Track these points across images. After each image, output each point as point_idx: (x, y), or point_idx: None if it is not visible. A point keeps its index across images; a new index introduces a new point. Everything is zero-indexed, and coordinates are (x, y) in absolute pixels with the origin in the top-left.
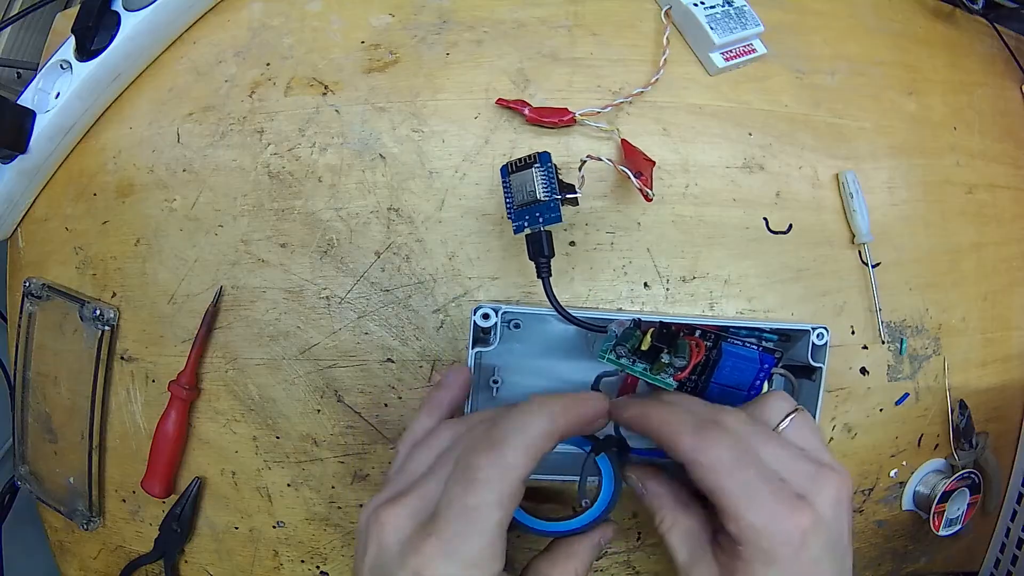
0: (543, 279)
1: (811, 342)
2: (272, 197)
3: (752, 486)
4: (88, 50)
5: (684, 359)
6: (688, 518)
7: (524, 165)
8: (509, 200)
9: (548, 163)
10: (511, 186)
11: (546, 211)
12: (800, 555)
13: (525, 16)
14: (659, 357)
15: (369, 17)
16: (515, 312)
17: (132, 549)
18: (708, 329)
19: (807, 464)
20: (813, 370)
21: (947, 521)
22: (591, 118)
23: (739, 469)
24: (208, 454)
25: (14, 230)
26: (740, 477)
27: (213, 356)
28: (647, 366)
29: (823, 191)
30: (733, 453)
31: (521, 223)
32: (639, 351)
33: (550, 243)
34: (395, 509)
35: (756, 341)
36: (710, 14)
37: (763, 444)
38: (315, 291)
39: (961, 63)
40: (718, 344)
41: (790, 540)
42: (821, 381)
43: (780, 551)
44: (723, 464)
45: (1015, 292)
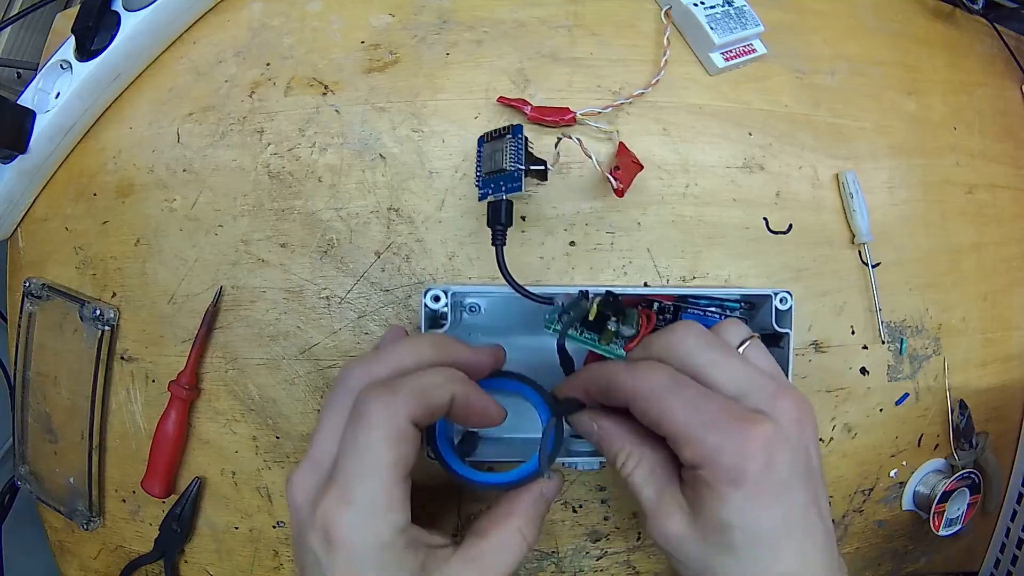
0: (496, 247)
1: (774, 307)
2: (272, 197)
3: (699, 404)
4: (88, 50)
5: (633, 328)
6: (652, 453)
7: (498, 136)
8: (479, 168)
9: (520, 135)
10: (483, 155)
11: (509, 181)
12: (769, 474)
13: (525, 16)
14: (606, 326)
15: (369, 17)
16: (466, 292)
17: (132, 549)
18: (664, 300)
19: (766, 382)
20: (781, 337)
21: (947, 521)
22: (592, 118)
23: (681, 389)
24: (208, 454)
25: (14, 230)
26: (684, 397)
27: (213, 356)
28: (595, 336)
29: (823, 191)
30: (672, 376)
31: (486, 191)
32: (587, 321)
33: (509, 212)
34: (299, 470)
35: (719, 311)
36: (710, 14)
37: (718, 358)
38: (315, 291)
39: (961, 63)
40: (678, 315)
41: (753, 454)
42: (789, 347)
43: (745, 467)
44: (663, 387)
45: (1015, 292)
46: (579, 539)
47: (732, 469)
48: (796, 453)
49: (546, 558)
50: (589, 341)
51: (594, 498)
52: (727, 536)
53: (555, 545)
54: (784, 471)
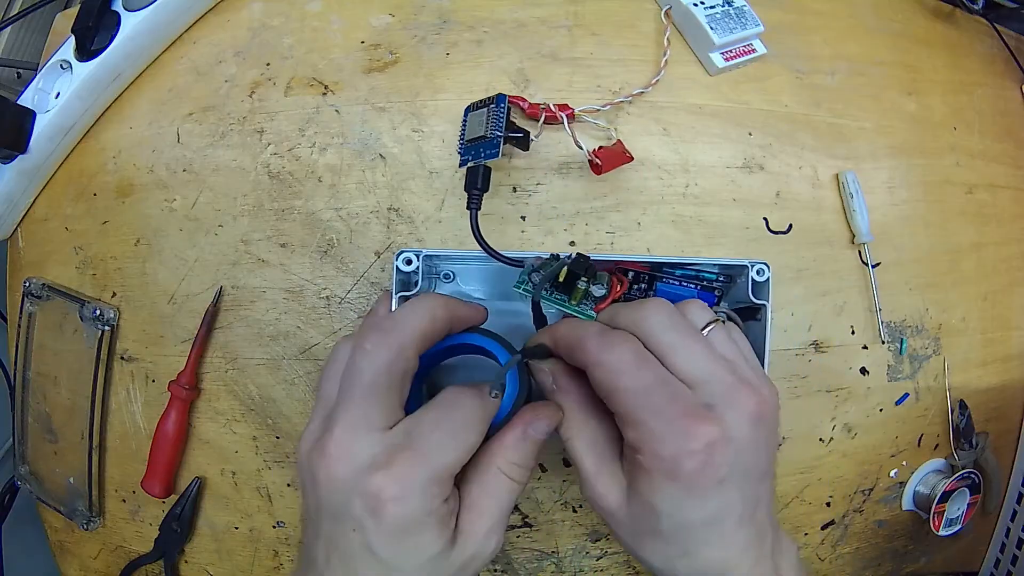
0: (471, 211)
1: (751, 279)
2: (272, 197)
3: (652, 390)
4: (88, 50)
5: (604, 288)
6: (597, 424)
7: (483, 104)
8: (462, 136)
9: (502, 104)
10: (467, 124)
11: (488, 147)
12: (705, 473)
13: (525, 16)
14: (576, 286)
15: (369, 17)
16: (438, 255)
17: (132, 549)
18: (639, 268)
19: (725, 374)
20: (758, 310)
21: (947, 521)
22: (590, 115)
23: (640, 370)
24: (208, 454)
25: (14, 230)
26: (640, 379)
27: (213, 356)
28: (565, 297)
29: (823, 191)
30: (636, 354)
31: (467, 157)
32: (557, 282)
33: (486, 178)
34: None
35: (695, 282)
36: (710, 14)
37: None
38: (315, 291)
39: (961, 63)
40: (652, 285)
41: (692, 452)
42: (767, 320)
43: (682, 464)
44: (624, 364)
45: (1015, 292)
46: (579, 539)
47: (669, 461)
48: (741, 452)
49: (546, 558)
50: (559, 302)
51: None
52: (656, 521)
53: (555, 545)
54: (722, 471)
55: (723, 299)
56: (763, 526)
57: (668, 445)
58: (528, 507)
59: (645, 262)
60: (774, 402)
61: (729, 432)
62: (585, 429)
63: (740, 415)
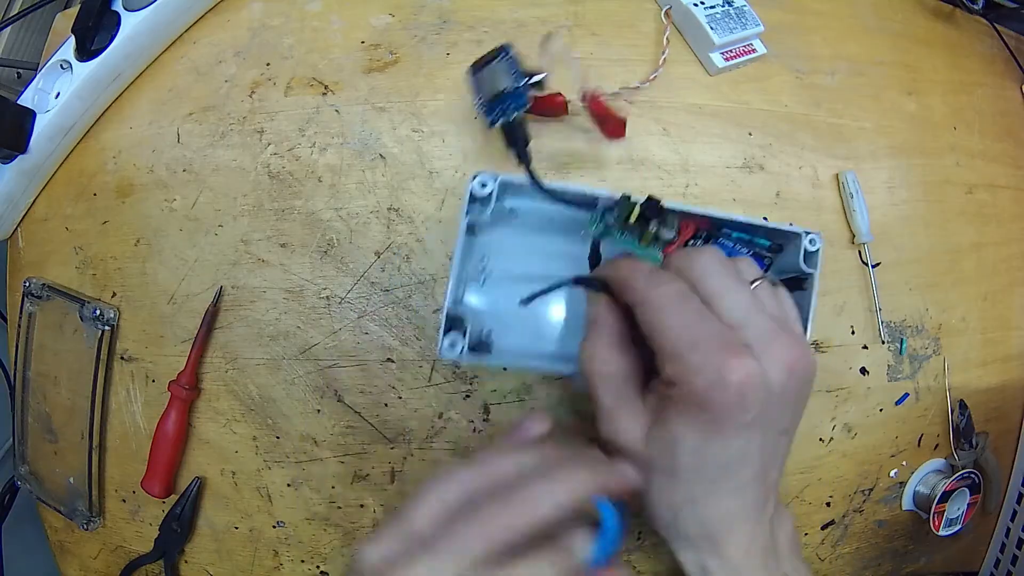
0: (526, 166)
1: (803, 247)
2: (272, 197)
3: (693, 325)
4: (88, 50)
5: (673, 231)
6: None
7: (488, 60)
8: (479, 97)
9: (510, 53)
10: (479, 83)
11: (514, 99)
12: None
13: (525, 16)
14: (647, 228)
15: (369, 17)
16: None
17: (132, 549)
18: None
19: (767, 321)
20: (804, 280)
21: (947, 521)
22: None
23: (683, 305)
24: (208, 454)
25: (14, 230)
26: (682, 315)
27: (213, 356)
28: (636, 238)
29: (823, 191)
30: (680, 292)
31: (495, 116)
32: (627, 223)
33: (525, 129)
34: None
35: (748, 247)
36: (710, 14)
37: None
38: (315, 291)
39: (961, 63)
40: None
41: (725, 389)
42: (813, 289)
43: (714, 398)
44: (669, 300)
45: (1015, 292)
46: None
47: (703, 393)
48: (771, 397)
49: None
50: (629, 242)
51: None
52: (674, 456)
53: None
54: (751, 412)
55: (771, 268)
56: (770, 488)
57: (704, 376)
58: None
59: (705, 216)
60: (810, 360)
61: (764, 373)
62: (609, 363)
63: (776, 361)
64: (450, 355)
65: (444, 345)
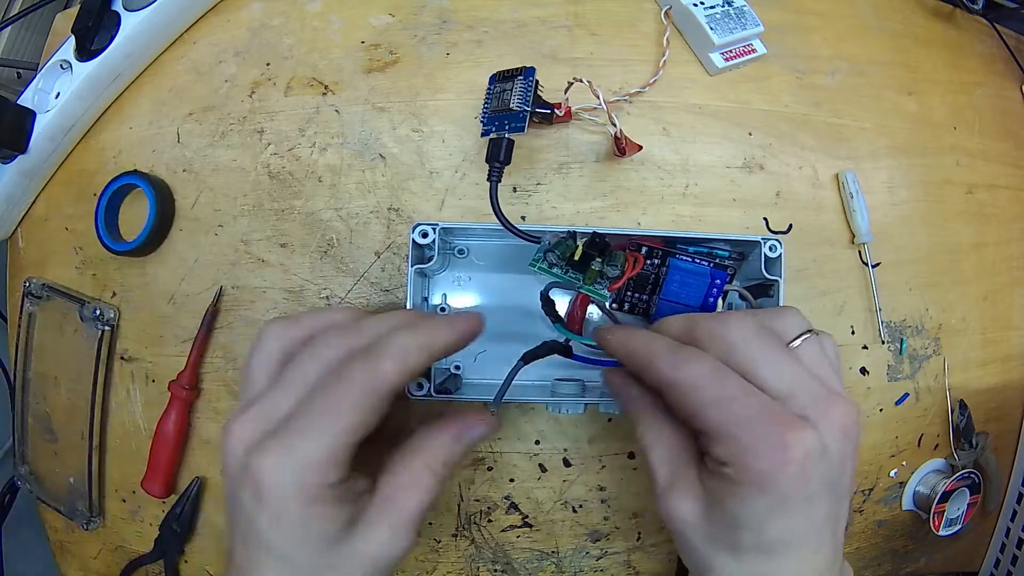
0: (492, 183)
1: (763, 255)
2: (272, 197)
3: (739, 401)
4: (88, 50)
5: (618, 268)
6: (674, 432)
7: (510, 75)
8: (486, 105)
9: (531, 78)
10: (492, 92)
11: (514, 120)
12: (799, 486)
13: (525, 16)
14: (591, 265)
15: (369, 17)
16: (454, 228)
17: (132, 549)
18: (653, 244)
19: (815, 385)
20: (770, 286)
21: (947, 521)
22: (588, 112)
23: (721, 382)
24: (208, 454)
25: (14, 230)
26: (724, 391)
27: (213, 356)
28: (580, 275)
29: (823, 191)
30: (714, 369)
31: (489, 128)
32: (572, 260)
33: (509, 151)
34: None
35: (708, 258)
36: (710, 14)
37: (767, 355)
38: (315, 291)
39: (961, 63)
40: (665, 260)
41: (789, 462)
42: (779, 295)
43: (777, 475)
44: (703, 379)
45: (1015, 292)
46: (579, 539)
47: (763, 474)
48: (831, 466)
49: (546, 558)
50: (574, 280)
51: (594, 498)
52: (736, 536)
53: (555, 545)
54: (814, 485)
55: (736, 277)
56: (838, 549)
57: (763, 457)
58: (528, 507)
59: (659, 237)
60: (859, 416)
61: (823, 442)
62: (662, 437)
63: (833, 427)
64: (418, 394)
65: (411, 387)
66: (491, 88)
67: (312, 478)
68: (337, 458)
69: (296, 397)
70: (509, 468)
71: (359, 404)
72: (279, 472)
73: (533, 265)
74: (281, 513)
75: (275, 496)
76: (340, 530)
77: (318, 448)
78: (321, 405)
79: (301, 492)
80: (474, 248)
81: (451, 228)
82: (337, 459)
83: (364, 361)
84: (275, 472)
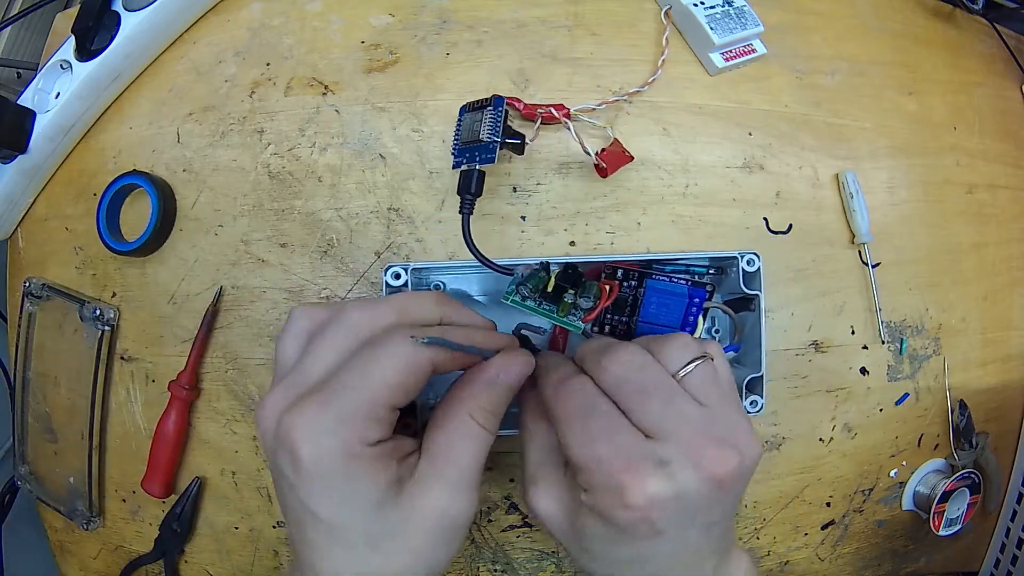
0: (463, 215)
1: (741, 269)
2: (272, 197)
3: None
4: (88, 50)
5: (591, 300)
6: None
7: (480, 106)
8: (457, 137)
9: (500, 107)
10: (462, 124)
11: (484, 151)
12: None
13: (525, 16)
14: (564, 297)
15: (369, 17)
16: (427, 267)
17: (132, 549)
18: (627, 267)
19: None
20: (751, 300)
21: (947, 521)
22: (586, 114)
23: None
24: (208, 454)
25: (14, 230)
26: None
27: (213, 356)
28: (553, 308)
29: (823, 191)
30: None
31: (460, 160)
32: (545, 293)
33: (480, 182)
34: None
35: (687, 276)
36: (710, 14)
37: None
38: (315, 291)
39: (961, 63)
40: (643, 281)
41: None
42: (760, 310)
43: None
44: (574, 413)
45: (1015, 292)
46: None
47: (607, 510)
48: (689, 509)
49: (546, 558)
50: (547, 312)
51: None
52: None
53: (555, 545)
54: (660, 525)
55: (715, 293)
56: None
57: (606, 496)
58: None
59: (634, 260)
60: (746, 462)
61: (680, 490)
62: (537, 435)
63: (699, 476)
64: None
65: None
66: (461, 119)
67: (351, 434)
68: (377, 415)
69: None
70: (509, 468)
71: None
72: (313, 429)
73: (506, 299)
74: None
75: (312, 456)
76: (387, 490)
77: (356, 403)
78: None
79: (339, 449)
80: (450, 282)
81: (423, 268)
82: (378, 416)
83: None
84: (309, 428)
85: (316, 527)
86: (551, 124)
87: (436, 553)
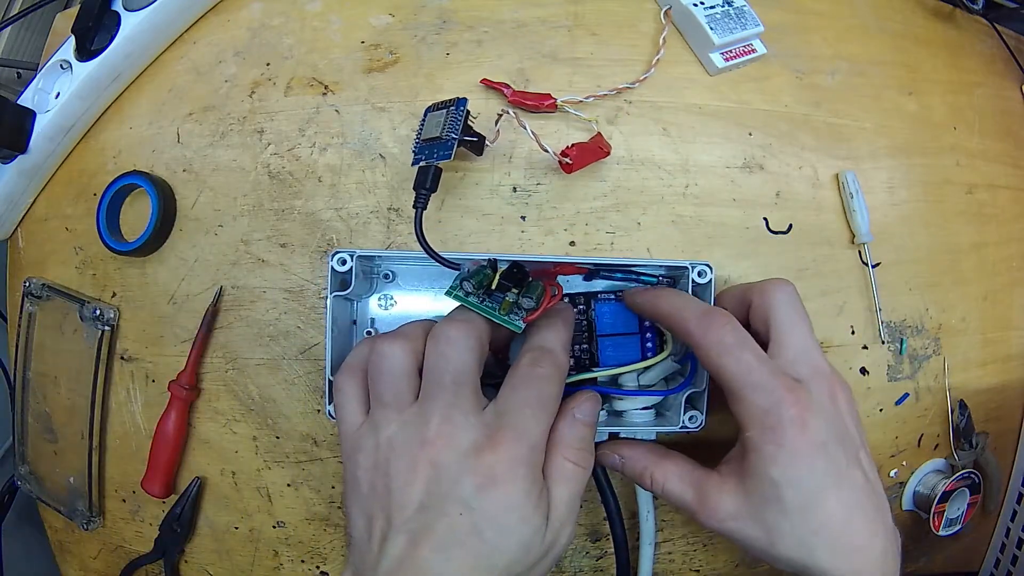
0: (416, 209)
1: (691, 280)
2: (272, 197)
3: (753, 367)
4: (88, 50)
5: (533, 301)
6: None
7: (443, 106)
8: (418, 135)
9: (461, 108)
10: (424, 123)
11: (441, 148)
12: (805, 436)
13: (525, 16)
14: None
15: (369, 17)
16: (373, 256)
17: (132, 549)
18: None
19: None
20: None
21: (947, 521)
22: (572, 106)
23: (739, 350)
24: (208, 454)
25: (14, 230)
26: (741, 358)
27: (213, 356)
28: (495, 305)
29: (823, 191)
30: (735, 336)
31: (420, 157)
32: (489, 290)
33: (436, 179)
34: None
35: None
36: (710, 14)
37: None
38: (315, 291)
39: (961, 63)
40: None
41: (789, 418)
42: None
43: (786, 430)
44: (725, 346)
45: (1015, 292)
46: (579, 539)
47: (774, 430)
48: (828, 420)
49: None
50: (489, 310)
51: (594, 498)
52: (777, 493)
53: None
54: (819, 434)
55: None
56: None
57: (771, 415)
58: None
59: (583, 264)
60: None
61: (818, 402)
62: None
63: (820, 391)
64: None
65: (330, 410)
66: (424, 119)
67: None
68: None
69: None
70: None
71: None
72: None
73: (449, 293)
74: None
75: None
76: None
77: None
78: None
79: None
80: (401, 272)
81: (369, 256)
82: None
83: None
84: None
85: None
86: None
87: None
